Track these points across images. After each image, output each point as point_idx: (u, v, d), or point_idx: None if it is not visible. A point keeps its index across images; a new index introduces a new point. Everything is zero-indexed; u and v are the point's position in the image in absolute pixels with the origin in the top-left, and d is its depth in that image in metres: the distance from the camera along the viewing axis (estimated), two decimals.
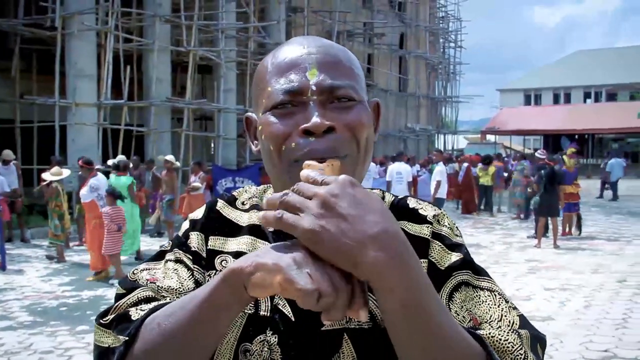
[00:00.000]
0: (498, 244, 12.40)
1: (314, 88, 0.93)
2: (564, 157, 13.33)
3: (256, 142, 1.03)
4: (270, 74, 0.97)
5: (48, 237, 10.82)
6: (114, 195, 8.55)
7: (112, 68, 16.25)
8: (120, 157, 12.20)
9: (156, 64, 17.44)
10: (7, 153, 12.67)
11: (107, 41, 16.17)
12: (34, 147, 16.80)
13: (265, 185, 1.15)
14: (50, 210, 10.56)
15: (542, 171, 11.71)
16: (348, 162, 0.93)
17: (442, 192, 13.06)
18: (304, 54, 0.96)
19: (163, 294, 0.98)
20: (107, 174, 12.68)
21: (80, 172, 10.51)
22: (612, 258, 10.66)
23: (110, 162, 12.23)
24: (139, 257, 10.25)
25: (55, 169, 10.76)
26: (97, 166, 13.35)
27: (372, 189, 1.13)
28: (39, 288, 8.56)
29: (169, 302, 0.90)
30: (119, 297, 0.99)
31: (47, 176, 10.59)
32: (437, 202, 12.63)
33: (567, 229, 13.12)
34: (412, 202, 1.09)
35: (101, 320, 0.95)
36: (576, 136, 41.70)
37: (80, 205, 12.32)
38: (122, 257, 9.29)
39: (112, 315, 0.94)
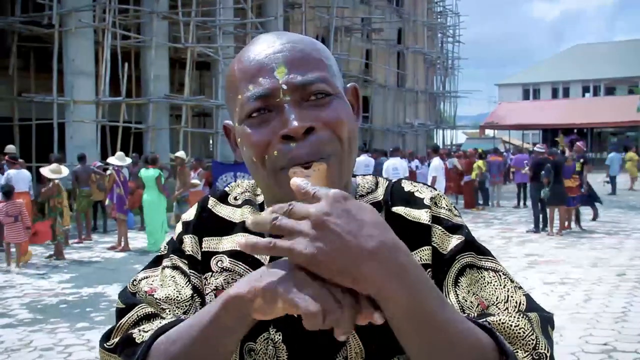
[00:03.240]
0: (497, 238, 12.40)
1: (284, 87, 0.89)
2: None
3: (238, 149, 1.00)
4: (239, 80, 0.93)
5: None
6: (2, 192, 9.49)
7: (110, 65, 16.27)
8: (119, 154, 12.18)
9: (154, 60, 17.44)
10: (10, 147, 12.56)
11: (105, 38, 16.18)
12: (32, 144, 16.78)
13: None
14: (49, 208, 10.54)
15: (549, 164, 12.05)
16: (333, 162, 0.90)
17: (440, 188, 13.11)
18: (270, 54, 0.92)
19: (162, 305, 0.98)
20: (105, 170, 12.70)
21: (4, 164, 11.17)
22: (611, 252, 10.65)
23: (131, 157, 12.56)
24: None
25: (55, 166, 10.73)
26: (98, 163, 13.36)
27: (364, 175, 1.11)
28: (39, 285, 8.56)
29: (172, 322, 0.90)
30: (119, 312, 0.99)
31: (45, 171, 10.56)
32: None
33: (566, 224, 13.14)
34: (407, 185, 1.06)
35: (106, 345, 0.94)
36: (575, 130, 41.71)
37: (77, 202, 12.35)
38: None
39: (116, 339, 0.93)
